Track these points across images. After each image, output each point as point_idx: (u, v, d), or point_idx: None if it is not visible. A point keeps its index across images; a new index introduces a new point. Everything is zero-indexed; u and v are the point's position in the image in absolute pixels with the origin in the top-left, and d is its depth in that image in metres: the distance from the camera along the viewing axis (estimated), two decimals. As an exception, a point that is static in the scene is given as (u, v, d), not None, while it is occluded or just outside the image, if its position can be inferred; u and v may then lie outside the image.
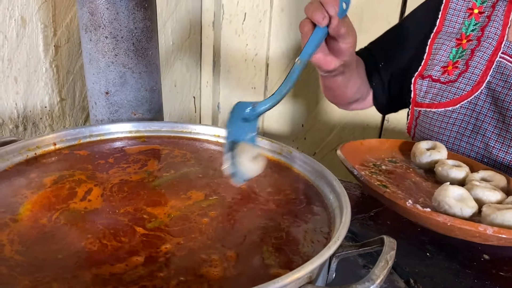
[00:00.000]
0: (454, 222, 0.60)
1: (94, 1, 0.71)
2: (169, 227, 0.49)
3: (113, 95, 0.75)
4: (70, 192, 0.55)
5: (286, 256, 0.46)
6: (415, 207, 0.62)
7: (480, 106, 0.84)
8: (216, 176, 0.62)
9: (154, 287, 0.40)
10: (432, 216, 0.61)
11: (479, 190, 0.70)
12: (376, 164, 0.83)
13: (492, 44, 0.84)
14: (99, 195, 0.55)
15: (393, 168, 0.82)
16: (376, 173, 0.79)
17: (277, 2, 1.54)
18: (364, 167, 0.80)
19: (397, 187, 0.75)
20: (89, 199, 0.54)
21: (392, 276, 0.71)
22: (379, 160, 0.85)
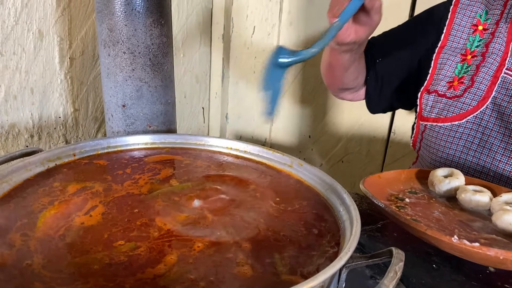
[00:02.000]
0: (507, 255, 0.57)
1: (113, 18, 0.74)
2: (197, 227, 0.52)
3: (129, 108, 0.78)
4: (87, 202, 0.58)
5: (298, 265, 0.48)
6: (462, 242, 0.60)
7: (486, 121, 0.86)
8: (229, 187, 0.64)
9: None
10: (483, 251, 0.59)
11: (511, 215, 0.69)
12: (398, 197, 0.81)
13: (497, 60, 0.86)
14: (111, 204, 0.57)
15: (416, 200, 0.81)
16: (402, 207, 0.77)
17: (286, 16, 1.57)
18: (390, 202, 0.78)
19: (427, 220, 0.74)
20: (107, 208, 0.57)
21: (399, 287, 0.72)
22: (400, 192, 0.84)
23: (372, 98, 1.06)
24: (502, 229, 0.70)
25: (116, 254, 0.48)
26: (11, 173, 0.60)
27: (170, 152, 0.72)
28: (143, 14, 0.74)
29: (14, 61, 1.08)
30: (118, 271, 0.45)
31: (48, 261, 0.46)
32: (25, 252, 0.47)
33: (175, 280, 0.44)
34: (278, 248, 0.51)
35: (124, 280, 0.43)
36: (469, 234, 0.70)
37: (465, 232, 0.70)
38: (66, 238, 0.50)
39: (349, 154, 1.59)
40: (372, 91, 1.05)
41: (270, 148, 0.72)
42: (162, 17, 0.77)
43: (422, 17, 1.01)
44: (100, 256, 0.47)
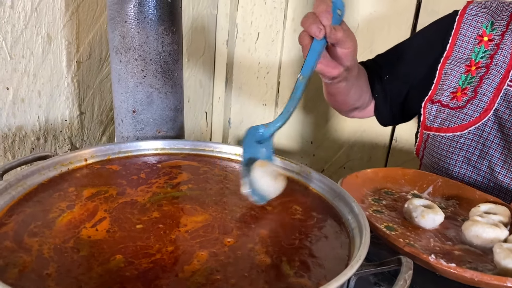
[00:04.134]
0: (482, 277, 0.58)
1: (125, 25, 0.75)
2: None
3: (139, 114, 0.79)
4: (103, 206, 0.59)
5: (306, 270, 0.49)
6: (439, 262, 0.60)
7: (487, 132, 0.87)
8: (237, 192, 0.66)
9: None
10: (458, 272, 0.59)
11: (479, 227, 0.67)
12: (375, 199, 0.80)
13: (501, 72, 0.88)
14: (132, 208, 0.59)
15: (392, 201, 0.80)
16: (379, 211, 0.75)
17: (290, 23, 1.59)
18: (366, 205, 0.76)
19: (405, 228, 0.73)
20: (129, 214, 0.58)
21: (403, 294, 0.74)
22: (376, 193, 0.82)
23: (382, 113, 1.07)
24: (470, 240, 0.68)
25: (145, 257, 0.49)
26: (26, 177, 0.61)
27: (185, 158, 0.74)
28: (155, 22, 0.75)
29: (23, 64, 1.09)
30: (154, 273, 0.46)
31: (69, 269, 0.47)
32: (43, 259, 0.48)
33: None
34: (287, 252, 0.52)
35: (161, 281, 0.45)
36: (444, 244, 0.69)
37: (440, 242, 0.69)
38: (87, 244, 0.51)
39: (351, 160, 1.61)
40: (381, 107, 1.06)
41: (278, 156, 0.73)
42: (174, 25, 0.78)
43: (428, 30, 1.02)
44: (128, 260, 0.48)
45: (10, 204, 0.57)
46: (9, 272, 0.45)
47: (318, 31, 0.64)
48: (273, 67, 1.67)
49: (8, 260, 0.47)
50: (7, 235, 0.52)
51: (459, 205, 0.81)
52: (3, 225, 0.53)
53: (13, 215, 0.55)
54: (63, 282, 0.44)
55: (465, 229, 0.70)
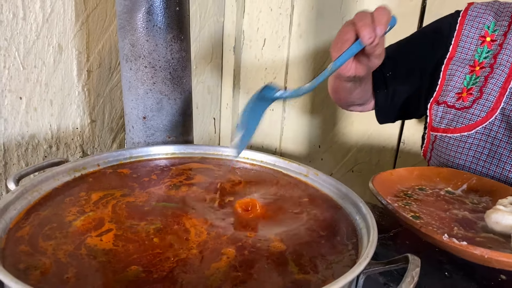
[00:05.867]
0: (492, 254, 0.60)
1: (135, 34, 0.77)
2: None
3: (150, 120, 0.81)
4: (117, 209, 0.60)
5: (315, 268, 0.50)
6: (451, 240, 0.63)
7: (495, 131, 0.88)
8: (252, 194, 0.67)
9: None
10: (469, 249, 0.62)
11: (499, 214, 0.70)
12: (407, 194, 0.84)
13: (505, 71, 0.88)
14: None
15: (424, 197, 0.83)
16: (409, 204, 0.80)
17: (296, 29, 1.61)
18: (397, 198, 0.81)
19: (430, 216, 0.76)
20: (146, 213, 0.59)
21: (412, 294, 0.74)
22: (410, 189, 0.86)
23: (382, 110, 1.08)
24: (491, 228, 0.71)
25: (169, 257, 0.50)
26: (41, 183, 0.63)
27: (199, 161, 0.76)
28: (163, 30, 0.77)
29: (35, 74, 1.12)
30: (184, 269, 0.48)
31: (87, 274, 0.48)
32: (62, 263, 0.49)
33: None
34: (295, 251, 0.53)
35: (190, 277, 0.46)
36: (467, 232, 0.71)
37: (463, 230, 0.72)
38: (100, 251, 0.53)
39: (359, 164, 1.61)
40: (382, 104, 1.06)
41: (286, 158, 0.74)
42: (182, 32, 0.80)
43: (430, 29, 1.03)
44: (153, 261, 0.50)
45: (26, 208, 0.58)
46: (31, 275, 0.46)
47: (368, 37, 0.64)
48: (280, 72, 1.68)
49: (28, 263, 0.48)
50: (23, 239, 0.53)
51: (492, 201, 0.82)
52: (19, 229, 0.55)
53: (29, 219, 0.57)
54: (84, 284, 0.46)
55: (486, 216, 0.72)
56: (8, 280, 0.40)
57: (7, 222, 0.54)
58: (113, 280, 0.47)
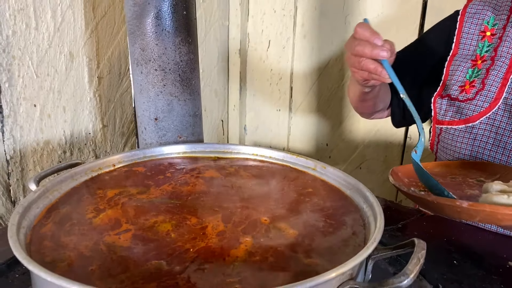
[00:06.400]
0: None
1: (145, 38, 0.80)
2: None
3: (161, 121, 0.84)
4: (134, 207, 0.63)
5: (324, 255, 0.53)
6: (439, 197, 0.69)
7: (499, 121, 0.89)
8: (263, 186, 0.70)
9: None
10: (459, 203, 0.67)
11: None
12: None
13: (506, 62, 0.90)
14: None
15: (449, 181, 0.85)
16: (423, 191, 0.82)
17: (300, 29, 1.63)
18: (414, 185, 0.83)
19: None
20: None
21: (422, 282, 0.76)
22: (441, 177, 0.88)
23: (396, 115, 1.12)
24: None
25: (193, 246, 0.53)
26: (60, 183, 0.66)
27: (212, 159, 0.79)
28: (172, 33, 0.80)
29: (48, 82, 1.15)
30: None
31: (110, 267, 0.51)
32: (85, 257, 0.52)
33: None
34: (305, 238, 0.55)
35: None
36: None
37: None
38: (118, 246, 0.55)
39: (367, 160, 1.63)
40: (395, 109, 1.11)
41: (293, 153, 0.77)
42: (189, 35, 0.83)
43: (431, 33, 1.07)
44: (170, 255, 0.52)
45: (48, 206, 0.61)
46: (58, 267, 0.49)
47: (385, 52, 0.71)
48: (285, 73, 1.71)
49: (54, 257, 0.51)
50: (46, 235, 0.56)
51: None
52: (42, 226, 0.58)
53: (50, 217, 0.60)
54: (107, 278, 0.48)
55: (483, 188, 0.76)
56: (38, 270, 0.43)
57: (31, 220, 0.57)
58: (136, 272, 0.49)
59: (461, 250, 0.84)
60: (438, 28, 1.05)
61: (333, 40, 1.58)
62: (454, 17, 1.01)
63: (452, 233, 0.90)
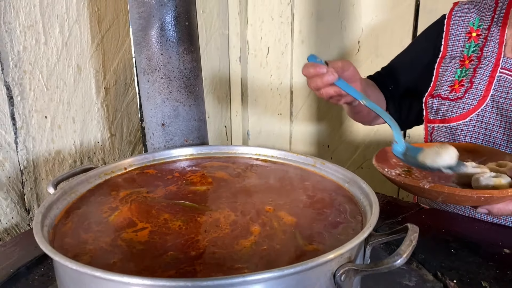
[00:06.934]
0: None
1: (150, 49, 0.85)
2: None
3: (168, 126, 0.88)
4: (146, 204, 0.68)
5: (323, 242, 0.57)
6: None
7: (488, 117, 0.94)
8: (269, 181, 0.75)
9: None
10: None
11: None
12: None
13: (491, 61, 0.95)
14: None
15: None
16: (408, 171, 0.88)
17: (297, 35, 1.69)
18: (402, 165, 0.89)
19: (420, 174, 0.85)
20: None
21: (421, 271, 0.80)
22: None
23: (395, 118, 1.16)
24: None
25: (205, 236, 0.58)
26: (77, 186, 0.71)
27: (217, 160, 0.84)
28: (176, 43, 0.85)
29: (58, 94, 1.20)
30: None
31: (130, 259, 0.55)
32: (106, 251, 0.56)
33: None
34: (306, 227, 0.60)
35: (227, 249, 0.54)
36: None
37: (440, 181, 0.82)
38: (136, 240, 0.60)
39: (368, 160, 1.67)
40: (393, 113, 1.16)
41: (294, 151, 0.81)
42: (192, 45, 0.88)
43: (420, 38, 1.13)
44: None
45: (66, 207, 0.66)
46: (81, 260, 0.53)
47: (332, 76, 0.80)
48: (285, 77, 1.76)
49: (76, 251, 0.56)
50: (66, 233, 0.61)
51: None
52: (63, 226, 0.63)
53: (69, 216, 0.65)
54: (128, 269, 0.53)
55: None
56: (64, 260, 0.48)
57: (52, 219, 0.62)
58: (154, 263, 0.54)
59: (459, 239, 0.87)
60: (426, 33, 1.11)
61: (330, 44, 1.63)
62: (441, 21, 1.06)
63: (450, 224, 0.94)
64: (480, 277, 0.76)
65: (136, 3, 0.84)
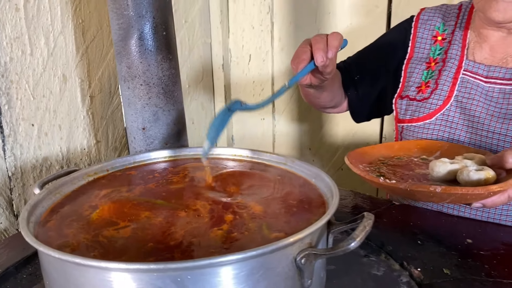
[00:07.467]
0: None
1: (130, 57, 0.90)
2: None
3: (148, 130, 0.93)
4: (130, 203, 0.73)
5: (287, 230, 0.62)
6: (411, 184, 0.76)
7: (452, 116, 1.00)
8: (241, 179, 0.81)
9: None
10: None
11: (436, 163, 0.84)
12: (383, 162, 0.94)
13: (455, 64, 1.01)
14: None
15: (397, 162, 0.94)
16: (379, 167, 0.91)
17: (277, 43, 1.75)
18: (371, 165, 0.92)
19: (393, 175, 0.87)
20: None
21: (389, 261, 0.85)
22: (388, 159, 0.96)
23: (355, 110, 1.22)
24: (435, 177, 0.83)
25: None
26: (61, 186, 0.75)
27: (194, 161, 0.89)
28: (154, 52, 0.91)
29: (44, 102, 1.25)
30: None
31: (110, 252, 0.59)
32: (87, 245, 0.61)
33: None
34: (273, 217, 0.65)
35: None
36: (421, 182, 0.84)
37: (418, 182, 0.84)
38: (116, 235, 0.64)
39: (347, 161, 1.73)
40: (354, 104, 1.20)
41: (267, 151, 0.87)
42: (170, 53, 0.93)
43: (390, 33, 1.18)
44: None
45: (51, 206, 0.71)
46: (63, 251, 0.57)
47: (321, 60, 0.79)
48: (267, 84, 1.82)
49: (59, 244, 0.60)
50: (50, 229, 0.65)
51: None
52: (47, 222, 0.67)
53: (54, 214, 0.69)
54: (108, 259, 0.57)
55: (430, 167, 0.84)
56: (47, 250, 0.52)
57: (38, 216, 0.66)
58: (134, 254, 0.58)
59: (425, 232, 0.93)
60: (396, 30, 1.16)
61: (309, 51, 1.69)
62: (409, 21, 1.12)
63: (418, 218, 1.00)
64: (442, 265, 0.81)
65: (116, 15, 0.89)
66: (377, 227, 0.95)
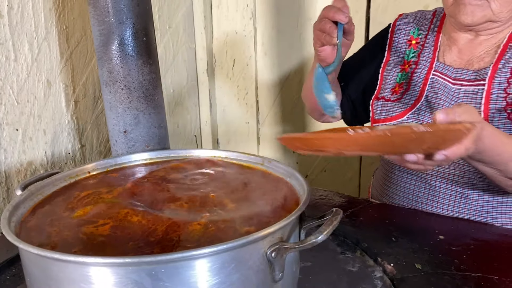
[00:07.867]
0: (392, 130, 0.61)
1: (111, 62, 0.93)
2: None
3: (130, 133, 0.96)
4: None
5: (261, 225, 0.65)
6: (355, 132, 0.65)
7: (422, 115, 1.04)
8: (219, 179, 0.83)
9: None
10: (368, 134, 0.65)
11: None
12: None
13: (426, 65, 1.06)
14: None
15: None
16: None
17: (260, 48, 1.78)
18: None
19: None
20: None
21: (364, 257, 0.89)
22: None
23: (347, 116, 1.26)
24: None
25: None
26: (43, 187, 0.78)
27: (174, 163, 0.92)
28: (134, 57, 0.93)
29: (28, 107, 1.26)
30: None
31: (91, 249, 0.62)
32: (68, 242, 0.63)
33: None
34: (248, 214, 0.68)
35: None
36: None
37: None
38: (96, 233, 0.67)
39: (330, 163, 1.77)
40: (346, 110, 1.24)
41: (245, 152, 0.89)
42: (150, 58, 0.96)
43: (370, 42, 1.24)
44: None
45: (33, 206, 0.73)
46: (44, 248, 0.60)
47: (344, 17, 0.87)
48: (250, 88, 1.85)
49: (40, 242, 0.63)
50: (32, 228, 0.67)
51: None
52: (28, 222, 0.69)
53: (35, 215, 0.71)
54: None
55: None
56: (27, 247, 0.54)
57: (19, 217, 0.69)
58: (114, 251, 0.61)
59: (400, 229, 0.96)
60: (375, 39, 1.22)
61: (291, 56, 1.73)
62: (387, 28, 1.18)
63: (393, 216, 1.03)
64: (415, 260, 0.85)
65: (97, 22, 0.92)
66: (354, 225, 0.99)
